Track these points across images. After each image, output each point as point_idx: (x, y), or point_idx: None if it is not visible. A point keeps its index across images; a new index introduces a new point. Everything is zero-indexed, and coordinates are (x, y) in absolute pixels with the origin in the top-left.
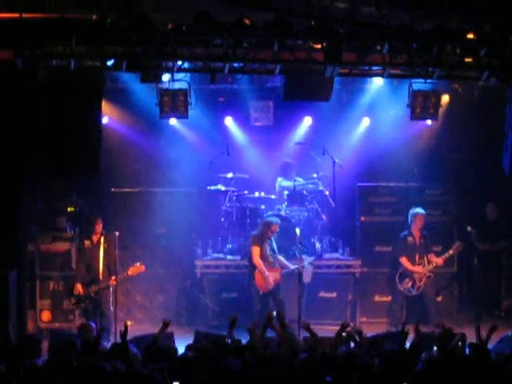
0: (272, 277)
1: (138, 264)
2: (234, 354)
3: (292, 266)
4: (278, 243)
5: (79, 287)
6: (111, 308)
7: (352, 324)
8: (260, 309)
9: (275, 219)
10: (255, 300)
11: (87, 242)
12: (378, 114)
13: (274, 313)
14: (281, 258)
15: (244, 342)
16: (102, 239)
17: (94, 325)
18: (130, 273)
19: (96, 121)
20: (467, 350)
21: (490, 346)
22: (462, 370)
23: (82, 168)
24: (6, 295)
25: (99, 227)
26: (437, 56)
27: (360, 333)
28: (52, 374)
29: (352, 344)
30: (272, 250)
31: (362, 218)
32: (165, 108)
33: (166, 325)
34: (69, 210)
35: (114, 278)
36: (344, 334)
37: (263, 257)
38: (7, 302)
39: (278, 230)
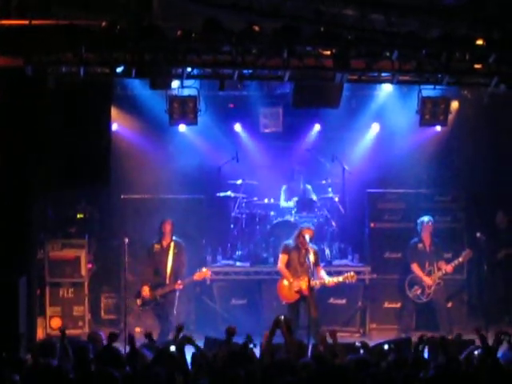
0: (296, 287)
1: (204, 269)
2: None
3: (326, 280)
4: None
5: (146, 290)
6: (175, 312)
7: (361, 330)
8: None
9: (305, 224)
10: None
11: (157, 246)
12: (388, 121)
13: (282, 317)
14: (321, 271)
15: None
16: (172, 245)
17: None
18: (195, 277)
19: (105, 128)
20: (475, 356)
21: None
22: (470, 376)
23: (92, 176)
24: (16, 302)
25: (168, 229)
26: (446, 62)
27: (366, 346)
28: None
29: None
30: (306, 259)
31: (372, 225)
32: (174, 115)
33: (179, 329)
34: (78, 216)
35: (179, 282)
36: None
37: (290, 265)
38: (17, 308)
39: (310, 234)
